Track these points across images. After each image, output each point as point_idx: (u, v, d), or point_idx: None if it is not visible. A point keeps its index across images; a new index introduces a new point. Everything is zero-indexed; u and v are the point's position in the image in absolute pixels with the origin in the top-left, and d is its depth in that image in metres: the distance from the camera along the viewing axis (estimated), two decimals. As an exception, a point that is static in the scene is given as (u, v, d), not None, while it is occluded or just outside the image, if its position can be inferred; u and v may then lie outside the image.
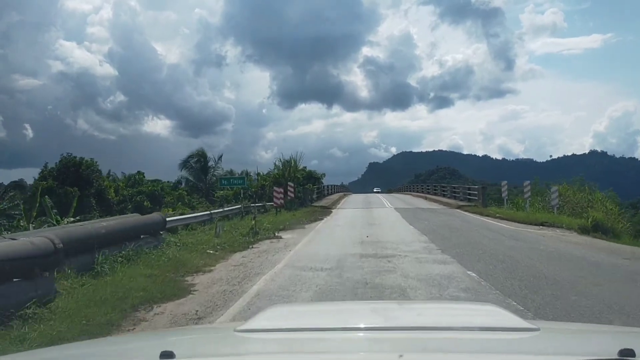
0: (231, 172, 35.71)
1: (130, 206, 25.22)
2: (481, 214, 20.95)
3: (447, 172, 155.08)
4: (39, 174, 27.75)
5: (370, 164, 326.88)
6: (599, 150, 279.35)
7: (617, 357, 1.25)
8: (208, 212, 18.04)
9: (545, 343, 1.63)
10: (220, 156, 39.74)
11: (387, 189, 69.46)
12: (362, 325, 1.78)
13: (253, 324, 1.73)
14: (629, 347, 1.27)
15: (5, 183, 29.88)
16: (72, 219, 15.21)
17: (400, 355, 1.28)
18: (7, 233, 9.95)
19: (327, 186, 40.32)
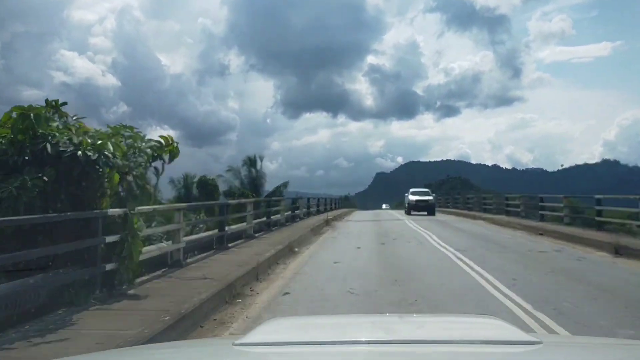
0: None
1: None
2: None
3: (458, 182, 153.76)
4: None
5: (377, 174, 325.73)
6: (612, 159, 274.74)
7: None
8: None
9: (547, 357, 1.60)
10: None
11: (397, 203, 50.52)
12: (362, 339, 1.76)
13: (252, 337, 1.72)
14: None
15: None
16: None
17: None
18: None
19: (297, 200, 20.45)
